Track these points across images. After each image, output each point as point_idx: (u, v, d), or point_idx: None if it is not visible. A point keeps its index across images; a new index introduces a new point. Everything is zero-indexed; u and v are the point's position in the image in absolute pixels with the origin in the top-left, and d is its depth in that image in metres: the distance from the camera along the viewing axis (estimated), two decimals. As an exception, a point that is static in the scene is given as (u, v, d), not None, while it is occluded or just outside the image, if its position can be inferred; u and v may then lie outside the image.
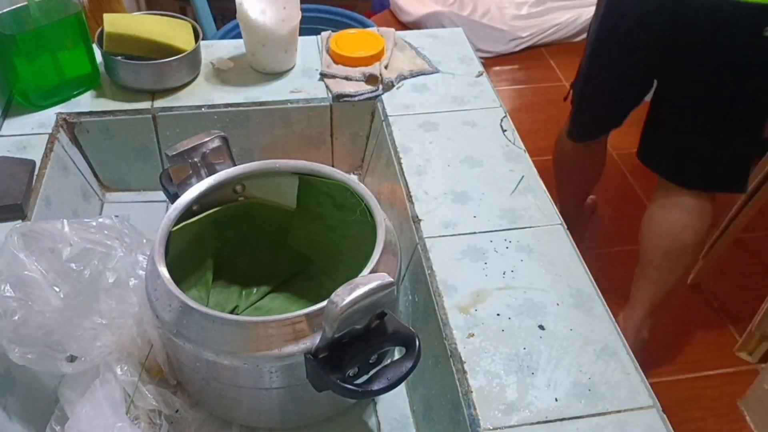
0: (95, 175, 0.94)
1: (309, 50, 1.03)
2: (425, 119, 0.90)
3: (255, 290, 0.79)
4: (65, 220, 0.67)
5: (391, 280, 0.56)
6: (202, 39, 0.96)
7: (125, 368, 0.67)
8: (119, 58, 0.90)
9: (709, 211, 1.29)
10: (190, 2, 1.83)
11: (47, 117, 0.88)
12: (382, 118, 0.91)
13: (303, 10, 0.97)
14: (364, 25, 1.74)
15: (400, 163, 0.83)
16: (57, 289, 0.63)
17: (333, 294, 0.55)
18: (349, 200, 0.73)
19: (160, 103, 0.91)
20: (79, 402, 0.64)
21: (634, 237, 1.86)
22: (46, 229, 0.65)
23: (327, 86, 0.96)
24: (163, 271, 0.62)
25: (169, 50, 0.91)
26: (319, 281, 0.80)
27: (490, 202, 0.77)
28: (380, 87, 0.95)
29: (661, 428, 0.57)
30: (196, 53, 0.94)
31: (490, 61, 2.51)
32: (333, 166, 0.80)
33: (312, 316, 0.59)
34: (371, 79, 0.96)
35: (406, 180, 0.80)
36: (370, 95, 0.94)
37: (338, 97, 0.94)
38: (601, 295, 0.68)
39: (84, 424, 0.61)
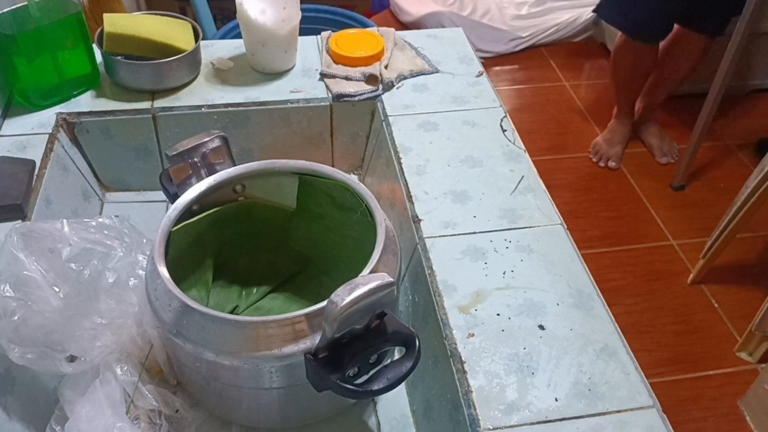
0: (95, 175, 0.94)
1: (309, 50, 1.03)
2: (425, 119, 0.90)
3: (255, 290, 0.79)
4: (65, 220, 0.67)
5: (391, 280, 0.56)
6: (202, 39, 0.96)
7: (125, 368, 0.67)
8: (119, 58, 0.91)
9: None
10: (190, 2, 1.83)
11: (47, 117, 0.88)
12: (382, 118, 0.91)
13: (303, 10, 0.97)
14: (364, 25, 1.74)
15: (400, 163, 0.83)
16: (57, 289, 0.63)
17: (333, 294, 0.55)
18: (349, 200, 0.73)
19: (160, 103, 0.91)
20: (79, 402, 0.64)
21: (634, 237, 1.87)
22: (46, 229, 0.65)
23: (327, 86, 0.96)
24: (163, 271, 0.62)
25: (169, 50, 0.91)
26: (319, 281, 0.80)
27: (490, 202, 0.77)
28: (380, 87, 0.95)
29: (661, 428, 0.57)
30: (196, 53, 0.94)
31: (490, 61, 2.51)
32: (333, 166, 0.81)
33: (312, 316, 0.59)
34: (371, 79, 0.96)
35: (406, 180, 0.80)
36: (370, 95, 0.94)
37: (338, 97, 0.94)
38: (601, 295, 0.68)
39: (84, 424, 0.61)
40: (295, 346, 0.58)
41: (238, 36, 0.99)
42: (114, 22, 0.90)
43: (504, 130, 0.88)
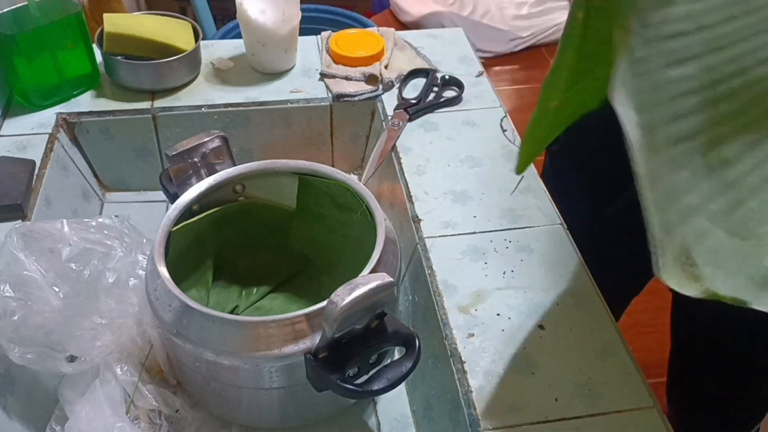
0: (95, 175, 0.94)
1: (309, 50, 1.03)
2: (425, 119, 0.89)
3: (255, 290, 0.79)
4: (65, 220, 0.67)
5: (391, 280, 0.56)
6: (202, 39, 0.96)
7: (125, 368, 0.67)
8: (119, 58, 0.90)
9: None
10: (190, 2, 1.83)
11: (47, 117, 0.88)
12: (382, 118, 0.91)
13: (303, 10, 0.96)
14: (364, 25, 1.74)
15: (400, 163, 0.83)
16: (57, 289, 0.63)
17: (333, 294, 0.55)
18: (349, 200, 0.73)
19: (160, 103, 0.91)
20: (79, 402, 0.64)
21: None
22: (46, 229, 0.65)
23: (327, 86, 0.96)
24: (163, 271, 0.62)
25: (169, 50, 0.91)
26: (319, 281, 0.80)
27: (490, 202, 0.77)
28: (380, 87, 0.95)
29: (661, 428, 0.57)
30: (196, 53, 0.94)
31: (490, 61, 2.51)
32: (333, 166, 0.80)
33: (312, 316, 0.59)
34: (371, 79, 0.96)
35: (406, 180, 0.80)
36: (370, 95, 0.94)
37: (338, 97, 0.94)
38: (601, 295, 0.68)
39: (84, 424, 0.61)
40: (295, 346, 0.58)
41: (238, 36, 0.99)
42: (114, 22, 0.90)
43: (504, 130, 0.88)
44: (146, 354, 0.70)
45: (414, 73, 0.97)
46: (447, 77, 0.95)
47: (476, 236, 0.73)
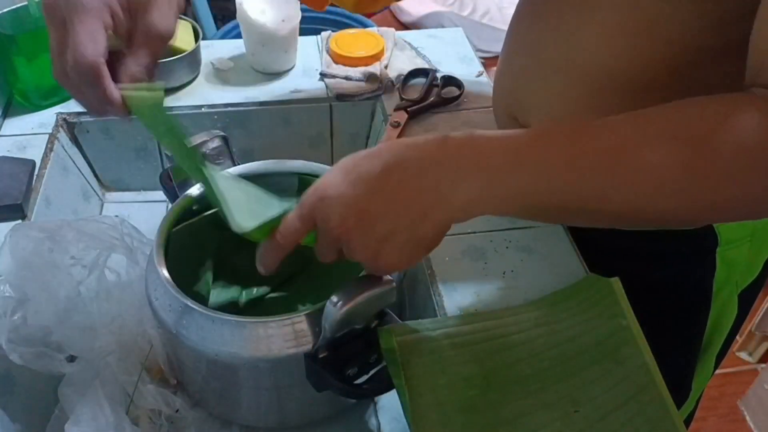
0: (95, 175, 0.94)
1: (309, 50, 1.03)
2: (425, 119, 0.89)
3: (255, 290, 0.78)
4: (65, 220, 0.67)
5: (391, 279, 0.56)
6: (202, 39, 0.96)
7: (125, 368, 0.67)
8: (119, 58, 0.90)
9: None
10: (190, 2, 1.83)
11: (47, 117, 0.88)
12: (382, 118, 0.91)
13: (303, 10, 0.97)
14: (364, 25, 1.74)
15: (400, 163, 0.83)
16: (57, 289, 0.63)
17: (333, 294, 0.55)
18: (349, 200, 0.73)
19: (160, 103, 0.91)
20: (79, 402, 0.64)
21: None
22: (46, 229, 0.65)
23: (327, 86, 0.96)
24: (163, 271, 0.62)
25: (169, 50, 0.91)
26: (320, 281, 0.79)
27: (490, 202, 0.77)
28: (380, 87, 0.95)
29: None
30: (196, 53, 0.94)
31: (490, 61, 2.51)
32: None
33: (312, 316, 0.59)
34: (371, 79, 0.96)
35: (406, 180, 0.80)
36: (370, 95, 0.94)
37: (338, 97, 0.94)
38: (601, 295, 0.67)
39: (84, 424, 0.61)
40: (295, 346, 0.58)
41: (238, 36, 0.99)
42: (114, 22, 0.90)
43: (504, 130, 0.88)
44: (146, 354, 0.70)
45: (414, 73, 0.97)
46: (447, 77, 0.95)
47: (476, 236, 0.73)
